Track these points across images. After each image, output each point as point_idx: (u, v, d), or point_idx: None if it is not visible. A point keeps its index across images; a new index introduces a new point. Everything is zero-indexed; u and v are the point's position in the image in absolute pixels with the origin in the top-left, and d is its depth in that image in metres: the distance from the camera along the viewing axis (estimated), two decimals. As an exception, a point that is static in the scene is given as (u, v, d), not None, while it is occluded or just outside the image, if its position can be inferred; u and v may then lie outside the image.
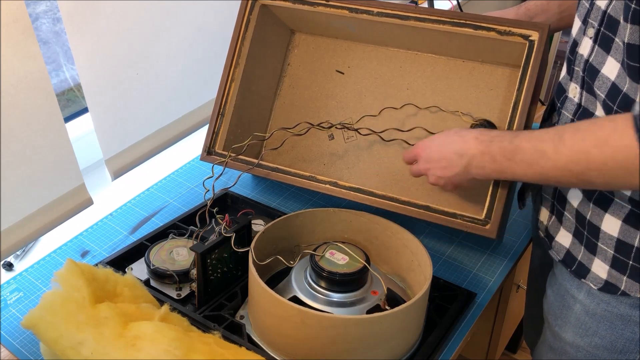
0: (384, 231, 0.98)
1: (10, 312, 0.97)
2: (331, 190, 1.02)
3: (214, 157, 1.09)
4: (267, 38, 1.16)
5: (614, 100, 0.76)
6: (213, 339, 0.80)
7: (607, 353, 0.90)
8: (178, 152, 1.38)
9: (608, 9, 0.75)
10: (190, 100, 1.34)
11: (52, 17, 1.24)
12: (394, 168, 1.14)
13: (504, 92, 1.08)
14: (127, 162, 1.24)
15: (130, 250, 1.04)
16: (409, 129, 1.10)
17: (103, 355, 0.74)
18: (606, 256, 0.84)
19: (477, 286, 1.02)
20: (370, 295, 0.89)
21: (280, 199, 1.22)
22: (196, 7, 1.23)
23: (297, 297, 0.88)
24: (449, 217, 0.96)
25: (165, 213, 1.18)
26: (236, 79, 1.12)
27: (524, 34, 0.96)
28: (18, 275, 1.05)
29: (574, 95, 0.85)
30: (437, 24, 1.01)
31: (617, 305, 0.86)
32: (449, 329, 0.92)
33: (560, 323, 0.95)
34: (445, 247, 1.11)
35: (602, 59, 0.77)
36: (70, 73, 1.30)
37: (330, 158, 1.19)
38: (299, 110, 1.21)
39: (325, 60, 1.20)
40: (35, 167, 1.02)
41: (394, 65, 1.15)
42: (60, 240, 1.13)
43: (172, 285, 0.98)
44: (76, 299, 0.78)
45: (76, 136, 1.22)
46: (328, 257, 0.90)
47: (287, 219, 0.98)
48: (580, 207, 0.86)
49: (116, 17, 1.08)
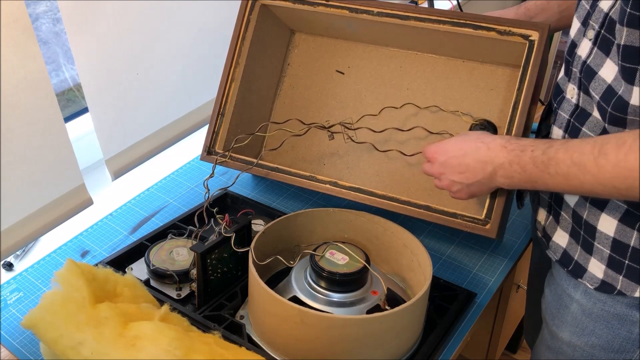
0: (384, 231, 0.98)
1: (10, 312, 0.97)
2: (331, 190, 1.02)
3: (214, 157, 1.09)
4: (267, 38, 1.16)
5: (608, 102, 0.76)
6: (213, 339, 0.80)
7: (603, 352, 0.90)
8: (178, 152, 1.38)
9: (610, 12, 0.75)
10: (190, 100, 1.34)
11: (52, 17, 1.24)
12: (394, 168, 1.14)
13: (504, 92, 1.08)
14: (127, 162, 1.24)
15: (130, 250, 1.04)
16: (409, 129, 1.10)
17: (103, 355, 0.74)
18: (602, 256, 0.84)
19: (477, 286, 1.02)
20: (370, 295, 0.89)
21: (280, 199, 1.22)
22: (196, 7, 1.23)
23: (297, 297, 0.88)
24: (449, 217, 0.96)
25: (165, 213, 1.18)
26: (236, 79, 1.12)
27: (524, 34, 0.96)
28: (18, 275, 1.05)
29: (572, 96, 0.85)
30: (437, 24, 1.01)
31: (614, 304, 0.86)
32: (449, 329, 0.92)
33: (557, 322, 0.95)
34: (445, 247, 1.11)
35: (601, 61, 0.77)
36: (70, 73, 1.30)
37: (330, 158, 1.18)
38: (299, 110, 1.21)
39: (325, 60, 1.20)
40: (35, 167, 1.02)
41: (394, 65, 1.15)
42: (60, 240, 1.13)
43: (172, 285, 0.98)
44: (76, 299, 0.78)
45: (76, 136, 1.22)
46: (328, 257, 0.90)
47: (287, 219, 0.98)
48: (576, 207, 0.86)
49: (116, 17, 1.08)
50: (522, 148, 0.79)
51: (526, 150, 0.79)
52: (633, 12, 0.69)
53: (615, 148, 0.69)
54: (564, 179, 0.74)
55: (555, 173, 0.75)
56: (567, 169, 0.73)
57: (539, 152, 0.77)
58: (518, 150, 0.80)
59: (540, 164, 0.76)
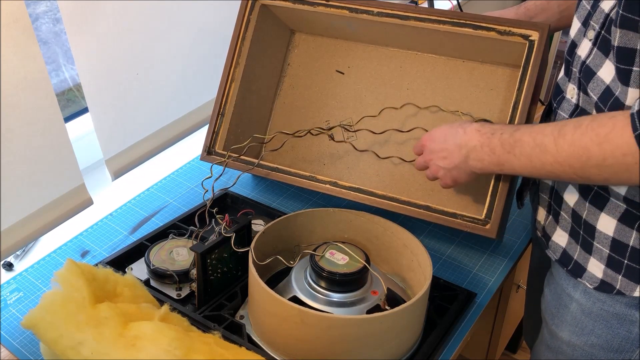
0: (384, 231, 0.98)
1: (10, 312, 0.97)
2: (331, 190, 1.02)
3: (214, 157, 1.09)
4: (267, 38, 1.16)
5: (605, 102, 0.77)
6: (213, 339, 0.80)
7: (603, 352, 0.90)
8: (178, 152, 1.38)
9: (611, 13, 0.75)
10: (190, 100, 1.34)
11: (52, 17, 1.24)
12: (394, 168, 1.14)
13: (504, 92, 1.08)
14: (127, 162, 1.24)
15: (130, 250, 1.04)
16: (409, 129, 1.10)
17: (103, 355, 0.74)
18: (602, 255, 0.84)
19: (477, 286, 1.02)
20: (370, 295, 0.89)
21: (280, 199, 1.22)
22: (196, 7, 1.23)
23: (297, 297, 0.88)
24: (449, 217, 0.96)
25: (165, 213, 1.19)
26: (236, 79, 1.12)
27: (524, 34, 0.96)
28: (18, 275, 1.05)
29: (572, 96, 0.85)
30: (437, 24, 1.01)
31: (613, 304, 0.86)
32: (449, 329, 0.92)
33: (557, 322, 0.95)
34: (445, 247, 1.11)
35: (600, 62, 0.78)
36: (70, 73, 1.30)
37: (330, 158, 1.18)
38: (299, 110, 1.21)
39: (325, 60, 1.20)
40: (35, 167, 1.02)
41: (394, 65, 1.15)
42: (60, 240, 1.13)
43: (172, 285, 0.98)
44: (76, 299, 0.78)
45: (76, 136, 1.22)
46: (328, 257, 0.90)
47: (287, 219, 0.98)
48: (576, 207, 0.87)
49: (116, 17, 1.08)
50: (493, 131, 0.83)
51: (496, 133, 0.83)
52: (625, 14, 0.69)
53: (572, 129, 0.73)
54: (528, 160, 0.78)
55: (519, 154, 0.79)
56: (531, 150, 0.78)
57: (507, 135, 0.81)
58: (489, 134, 0.83)
59: (507, 145, 0.80)
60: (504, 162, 0.82)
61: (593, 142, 0.70)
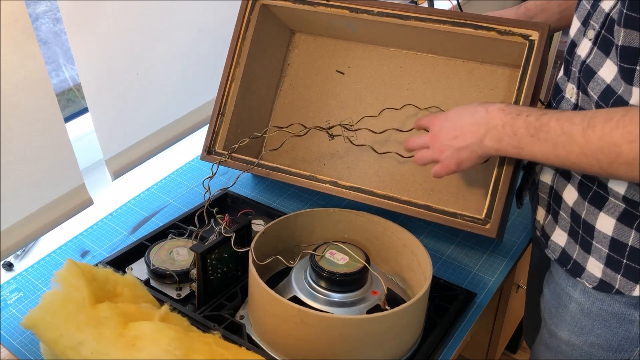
0: (384, 231, 0.98)
1: (10, 312, 0.97)
2: (331, 189, 1.02)
3: (214, 157, 1.09)
4: (267, 38, 1.16)
5: (606, 101, 0.76)
6: (213, 339, 0.80)
7: (602, 351, 0.90)
8: (178, 152, 1.38)
9: (611, 12, 0.75)
10: (190, 100, 1.34)
11: (52, 17, 1.24)
12: (394, 168, 1.14)
13: (504, 92, 1.08)
14: (127, 162, 1.24)
15: (130, 250, 1.04)
16: (408, 130, 1.10)
17: (103, 355, 0.74)
18: (601, 255, 0.84)
19: (477, 286, 1.02)
20: (370, 295, 0.89)
21: (280, 199, 1.22)
22: (196, 7, 1.23)
23: (297, 297, 0.88)
24: (449, 217, 0.96)
25: (165, 213, 1.19)
26: (236, 79, 1.12)
27: (524, 34, 0.96)
28: (18, 275, 1.05)
29: (571, 96, 0.85)
30: (437, 24, 1.01)
31: (612, 303, 0.86)
32: (449, 329, 0.92)
33: (556, 322, 0.95)
34: (445, 247, 1.11)
35: (600, 61, 0.78)
36: (70, 73, 1.30)
37: (330, 158, 1.19)
38: (299, 110, 1.21)
39: (325, 60, 1.20)
40: (35, 167, 1.02)
41: (394, 65, 1.15)
42: (60, 240, 1.13)
43: (172, 285, 0.98)
44: (76, 299, 0.78)
45: (76, 136, 1.22)
46: (328, 257, 0.90)
47: (287, 219, 0.98)
48: (575, 206, 0.87)
49: (116, 17, 1.08)
50: (518, 112, 0.80)
51: (522, 114, 0.80)
52: (629, 14, 0.69)
53: (602, 122, 0.70)
54: (552, 146, 0.75)
55: (544, 139, 0.76)
56: (557, 137, 0.74)
57: (533, 117, 0.78)
58: (514, 114, 0.80)
59: (532, 128, 0.77)
60: (524, 146, 0.79)
61: (624, 140, 0.68)
